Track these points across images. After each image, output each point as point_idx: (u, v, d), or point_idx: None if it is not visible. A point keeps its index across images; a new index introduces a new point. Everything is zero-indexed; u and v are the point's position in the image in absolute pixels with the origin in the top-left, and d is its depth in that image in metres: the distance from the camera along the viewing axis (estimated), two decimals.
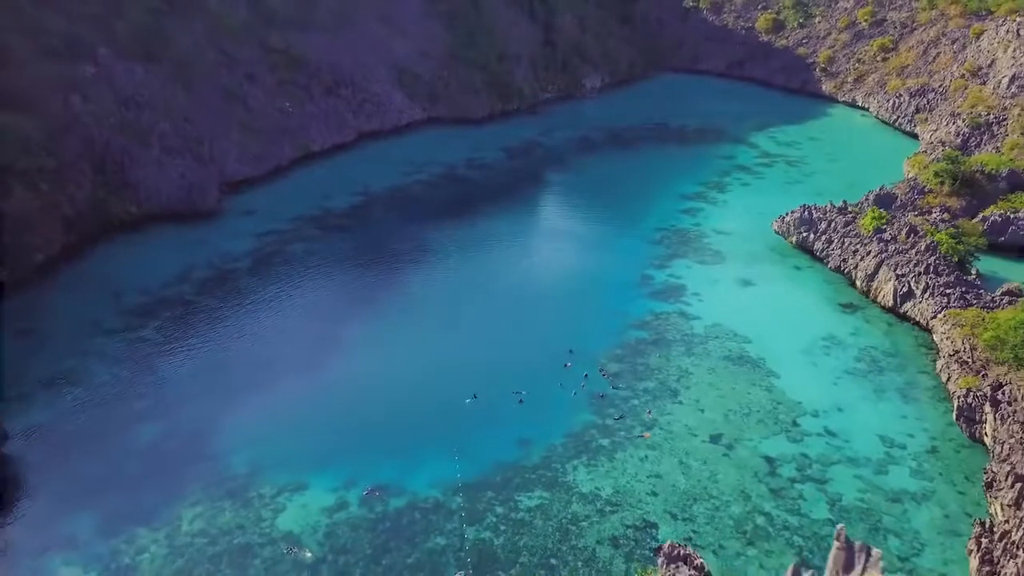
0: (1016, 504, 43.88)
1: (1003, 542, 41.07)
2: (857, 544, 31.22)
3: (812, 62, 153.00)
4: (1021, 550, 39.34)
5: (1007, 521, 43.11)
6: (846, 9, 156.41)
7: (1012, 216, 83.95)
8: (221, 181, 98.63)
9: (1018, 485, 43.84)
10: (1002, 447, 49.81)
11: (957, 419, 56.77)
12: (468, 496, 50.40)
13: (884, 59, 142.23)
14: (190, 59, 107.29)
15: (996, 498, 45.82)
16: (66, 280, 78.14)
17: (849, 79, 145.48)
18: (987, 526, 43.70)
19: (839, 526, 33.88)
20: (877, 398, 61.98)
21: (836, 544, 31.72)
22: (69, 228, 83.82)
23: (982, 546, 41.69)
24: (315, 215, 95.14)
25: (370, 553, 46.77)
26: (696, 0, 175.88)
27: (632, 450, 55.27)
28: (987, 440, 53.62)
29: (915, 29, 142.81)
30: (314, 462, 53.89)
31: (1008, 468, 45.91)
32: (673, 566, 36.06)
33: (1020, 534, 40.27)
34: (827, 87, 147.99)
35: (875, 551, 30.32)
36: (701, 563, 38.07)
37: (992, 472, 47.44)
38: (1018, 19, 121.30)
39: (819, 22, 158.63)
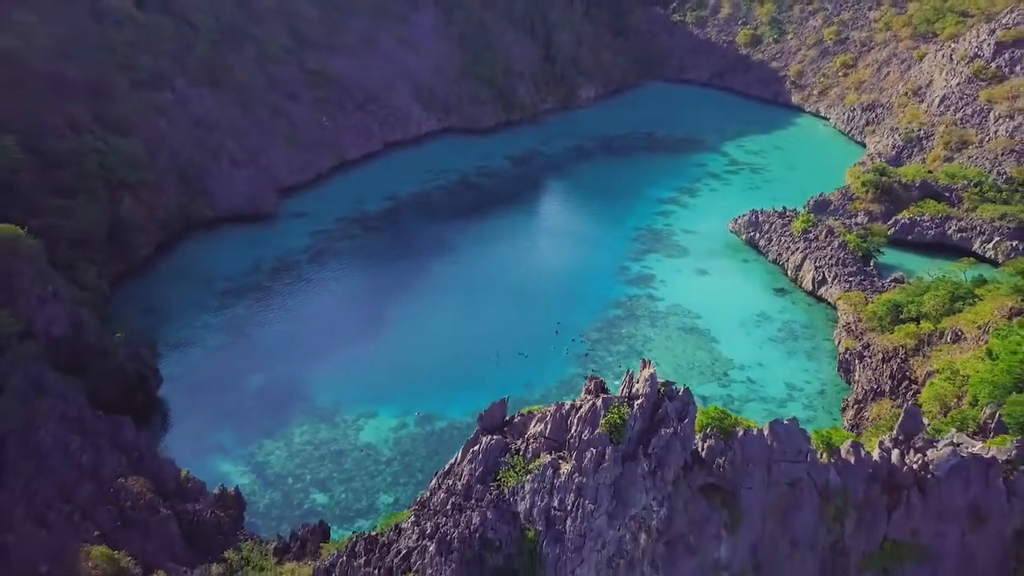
0: (854, 422, 68.89)
1: None
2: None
3: (784, 75, 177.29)
4: None
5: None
6: (815, 27, 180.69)
7: (918, 219, 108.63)
8: (276, 188, 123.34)
9: (856, 406, 68.80)
10: (858, 386, 74.80)
11: (839, 371, 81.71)
12: None
13: (845, 74, 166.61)
14: (244, 83, 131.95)
15: (845, 418, 70.90)
16: (165, 270, 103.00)
17: (815, 92, 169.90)
18: None
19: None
20: (789, 357, 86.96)
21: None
22: (162, 229, 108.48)
23: None
24: (355, 217, 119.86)
25: (424, 455, 71.70)
26: (683, 15, 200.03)
27: None
28: (855, 384, 78.63)
29: (872, 48, 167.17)
30: (378, 399, 78.76)
31: (853, 398, 70.98)
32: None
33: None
34: (796, 98, 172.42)
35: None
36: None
37: (845, 402, 72.49)
38: (952, 45, 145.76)
39: (791, 39, 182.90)
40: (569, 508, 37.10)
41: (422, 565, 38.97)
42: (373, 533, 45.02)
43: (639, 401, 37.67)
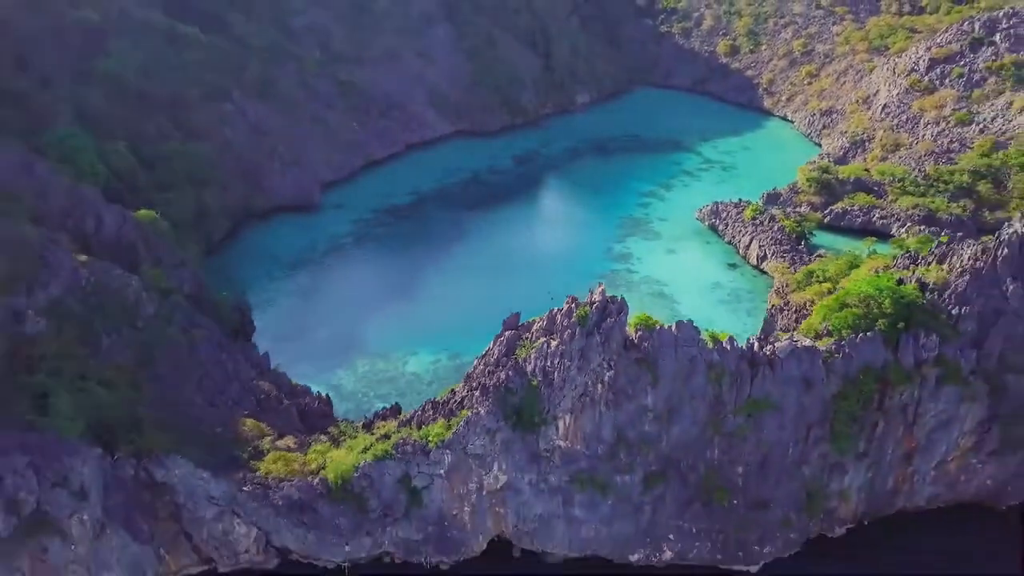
0: None
1: None
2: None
3: (757, 82, 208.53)
4: None
5: None
6: (786, 40, 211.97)
7: (849, 209, 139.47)
8: (318, 183, 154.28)
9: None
10: (778, 330, 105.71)
11: (766, 321, 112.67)
12: None
13: (809, 83, 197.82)
14: (288, 94, 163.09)
15: None
16: (237, 251, 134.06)
17: (783, 98, 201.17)
18: None
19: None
20: (733, 314, 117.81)
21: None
22: (230, 217, 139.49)
23: None
24: (386, 208, 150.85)
25: (455, 379, 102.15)
26: (670, 26, 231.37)
27: None
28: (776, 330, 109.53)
29: (834, 60, 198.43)
30: (417, 342, 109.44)
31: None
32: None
33: None
34: (767, 104, 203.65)
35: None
36: None
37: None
38: (896, 59, 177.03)
39: (765, 49, 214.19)
40: (556, 366, 68.22)
41: (471, 404, 70.12)
42: (437, 399, 76.23)
43: (595, 303, 68.74)
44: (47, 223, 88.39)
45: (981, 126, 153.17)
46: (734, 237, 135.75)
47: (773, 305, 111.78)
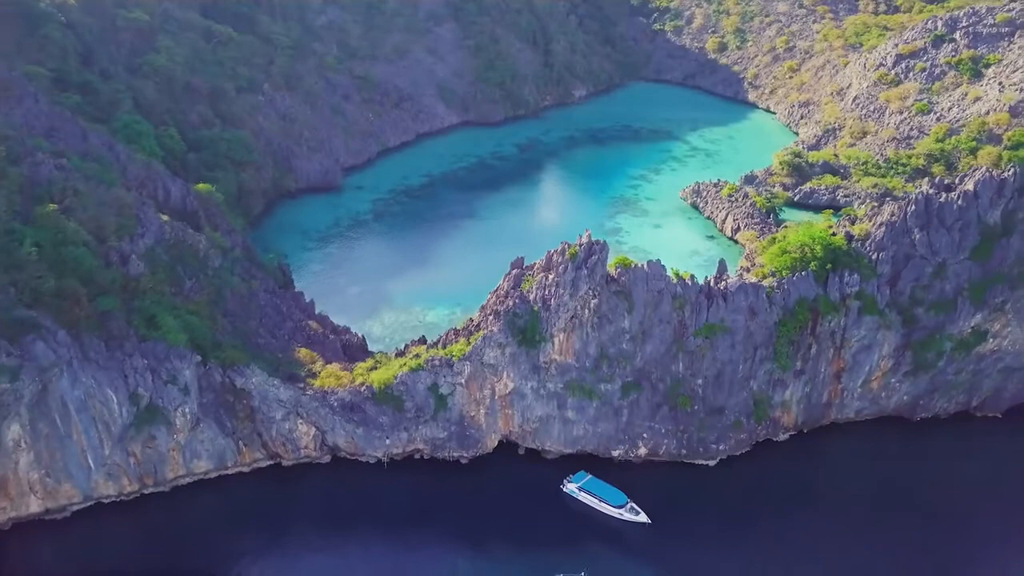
0: None
1: None
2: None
3: (743, 77, 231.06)
4: None
5: None
6: (770, 37, 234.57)
7: (816, 188, 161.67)
8: (340, 167, 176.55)
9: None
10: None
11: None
12: None
13: (791, 77, 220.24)
14: (311, 87, 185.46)
15: None
16: (272, 225, 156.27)
17: (767, 91, 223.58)
18: None
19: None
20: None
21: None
22: (264, 196, 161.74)
23: None
24: (401, 189, 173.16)
25: None
26: (662, 24, 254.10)
27: None
28: None
29: (813, 56, 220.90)
30: (433, 299, 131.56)
31: None
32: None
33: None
34: (752, 96, 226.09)
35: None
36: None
37: None
38: (867, 55, 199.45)
39: (751, 46, 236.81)
40: (552, 294, 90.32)
41: (486, 326, 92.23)
42: (457, 327, 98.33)
43: (583, 245, 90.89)
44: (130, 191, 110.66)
45: (938, 115, 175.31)
46: (713, 213, 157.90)
47: (741, 267, 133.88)
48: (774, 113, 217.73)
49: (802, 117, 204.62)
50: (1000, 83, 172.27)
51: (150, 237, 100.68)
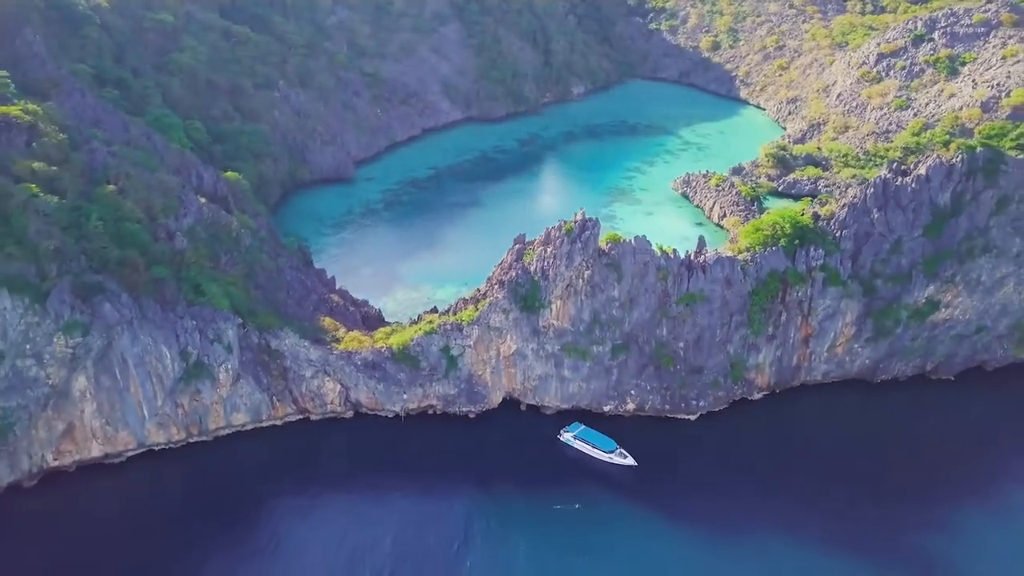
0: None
1: None
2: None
3: (735, 75, 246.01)
4: None
5: None
6: (761, 37, 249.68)
7: (799, 179, 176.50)
8: (352, 160, 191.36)
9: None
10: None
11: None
12: None
13: (780, 75, 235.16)
14: (323, 84, 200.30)
15: None
16: (289, 213, 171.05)
17: (757, 88, 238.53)
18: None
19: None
20: None
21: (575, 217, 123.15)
22: (281, 186, 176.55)
23: None
24: (409, 180, 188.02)
25: None
26: (658, 24, 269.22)
27: None
28: None
29: (802, 54, 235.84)
30: (442, 278, 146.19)
31: None
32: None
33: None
34: (743, 93, 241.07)
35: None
36: None
37: None
38: (851, 54, 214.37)
39: (743, 45, 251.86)
40: (550, 265, 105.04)
41: (492, 294, 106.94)
42: (466, 296, 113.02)
43: (578, 221, 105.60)
44: None
45: (915, 110, 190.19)
46: (701, 201, 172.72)
47: (719, 247, 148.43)
48: (764, 109, 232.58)
49: (790, 113, 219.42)
50: (974, 80, 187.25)
51: (191, 217, 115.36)
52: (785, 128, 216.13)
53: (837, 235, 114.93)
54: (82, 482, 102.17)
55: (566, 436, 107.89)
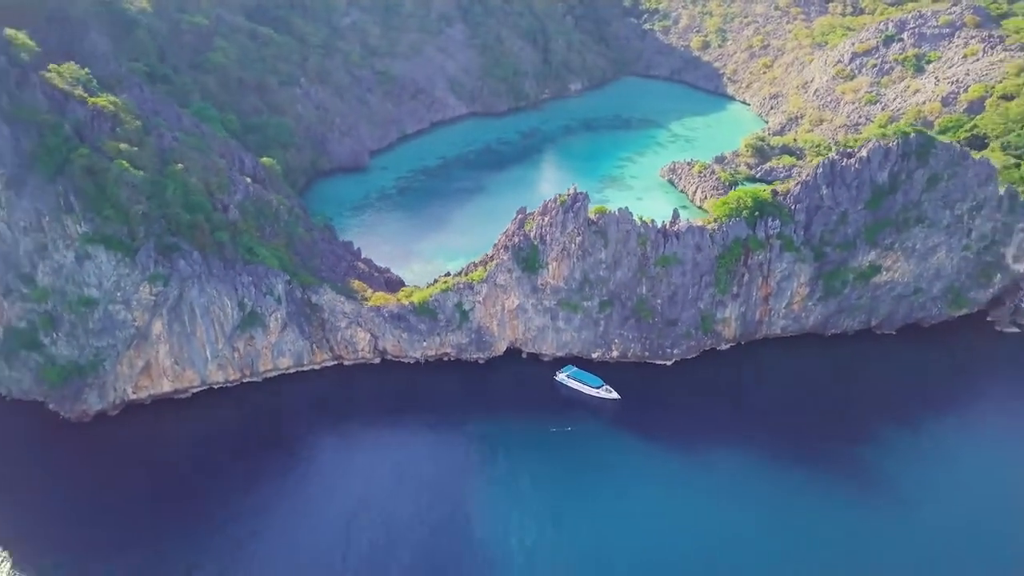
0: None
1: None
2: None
3: (723, 72, 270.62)
4: None
5: None
6: (747, 37, 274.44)
7: (775, 167, 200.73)
8: (367, 150, 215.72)
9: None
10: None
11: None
12: None
13: (765, 72, 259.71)
14: (339, 81, 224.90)
15: None
16: (312, 198, 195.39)
17: (744, 85, 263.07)
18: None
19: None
20: None
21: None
22: (304, 174, 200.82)
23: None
24: (420, 169, 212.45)
25: None
26: (651, 24, 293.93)
27: None
28: None
29: (785, 53, 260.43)
30: (454, 252, 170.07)
31: None
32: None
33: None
34: (730, 90, 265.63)
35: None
36: None
37: None
38: (828, 53, 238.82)
39: (731, 44, 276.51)
40: (547, 232, 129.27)
41: (498, 257, 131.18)
42: (476, 260, 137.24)
43: (571, 194, 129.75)
44: None
45: (883, 105, 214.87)
46: (685, 187, 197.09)
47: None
48: (748, 104, 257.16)
49: (772, 108, 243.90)
50: (936, 77, 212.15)
51: (240, 193, 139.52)
52: (767, 121, 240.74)
53: (792, 208, 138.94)
54: (156, 413, 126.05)
55: (561, 376, 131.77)
